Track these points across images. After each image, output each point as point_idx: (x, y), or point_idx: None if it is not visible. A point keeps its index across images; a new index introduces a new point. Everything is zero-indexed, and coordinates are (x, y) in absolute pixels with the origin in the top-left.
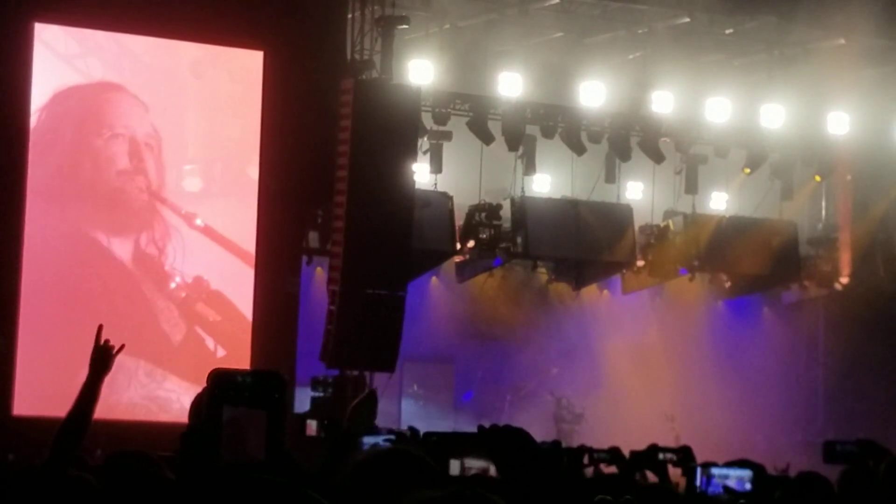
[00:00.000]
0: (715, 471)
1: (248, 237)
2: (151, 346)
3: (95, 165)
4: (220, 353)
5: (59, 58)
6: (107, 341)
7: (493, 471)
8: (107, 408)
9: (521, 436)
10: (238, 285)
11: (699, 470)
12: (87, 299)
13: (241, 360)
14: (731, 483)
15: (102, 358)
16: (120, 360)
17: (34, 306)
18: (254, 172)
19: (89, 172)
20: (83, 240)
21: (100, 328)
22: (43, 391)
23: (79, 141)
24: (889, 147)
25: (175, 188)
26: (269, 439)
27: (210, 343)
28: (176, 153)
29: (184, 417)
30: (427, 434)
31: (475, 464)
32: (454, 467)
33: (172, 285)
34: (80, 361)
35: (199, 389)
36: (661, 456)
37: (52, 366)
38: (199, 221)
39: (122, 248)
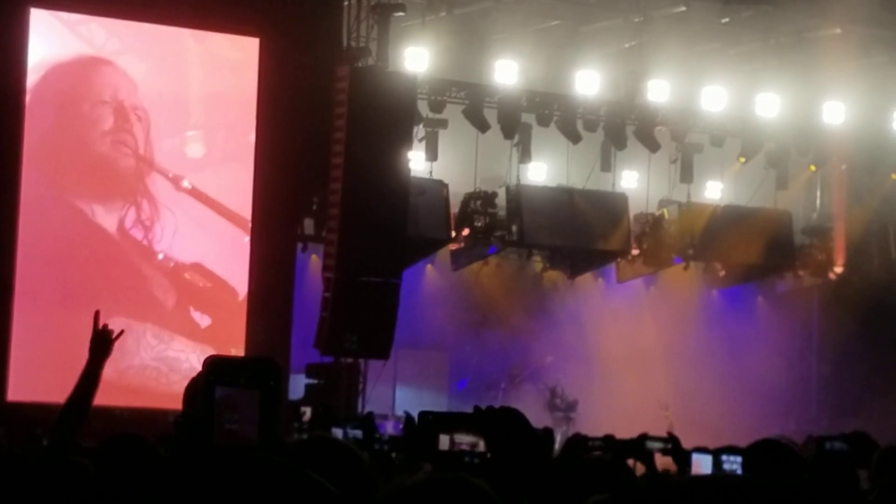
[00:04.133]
0: (725, 463)
1: (249, 206)
2: (153, 309)
3: (82, 130)
4: (207, 321)
5: (62, 23)
6: (105, 326)
7: (482, 446)
8: (119, 371)
9: (516, 416)
10: (232, 264)
11: (710, 459)
12: (81, 275)
13: (235, 336)
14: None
15: (102, 343)
16: (128, 325)
17: (29, 288)
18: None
19: (76, 139)
20: (73, 213)
21: (97, 314)
22: (37, 377)
23: (67, 110)
24: (884, 137)
25: (175, 155)
26: (263, 421)
27: (198, 314)
28: (178, 119)
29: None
30: (423, 413)
31: (465, 439)
32: (444, 442)
33: (160, 256)
34: (75, 344)
35: (204, 348)
36: (648, 445)
37: (47, 351)
38: (186, 183)
39: (108, 222)
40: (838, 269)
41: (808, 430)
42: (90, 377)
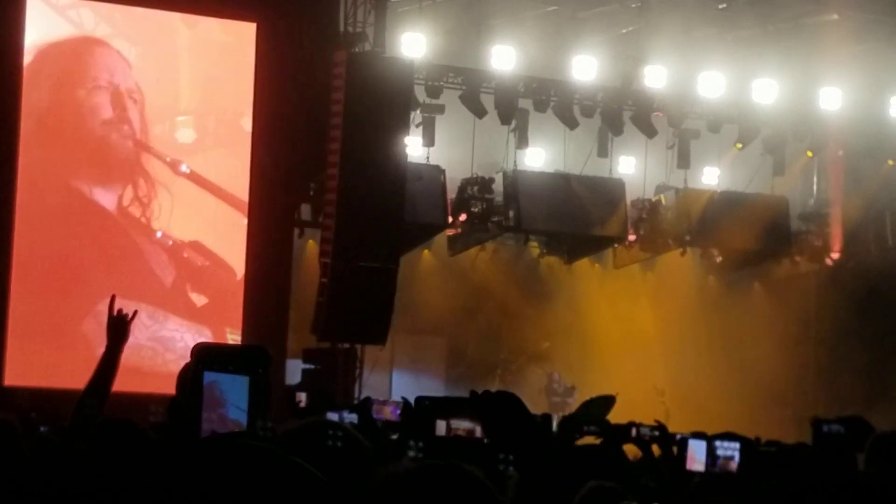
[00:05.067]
0: (718, 449)
1: (241, 191)
2: (149, 288)
3: (79, 116)
4: (204, 300)
5: (52, 8)
6: (120, 310)
7: (478, 432)
8: None
9: (512, 400)
10: (229, 244)
11: (704, 445)
12: (79, 254)
13: (232, 315)
14: (733, 464)
15: (119, 327)
16: (122, 305)
17: (26, 272)
18: (247, 124)
19: (73, 124)
20: (71, 194)
21: (112, 298)
22: (34, 362)
23: (62, 93)
24: (881, 123)
25: (166, 140)
26: (251, 407)
27: (195, 294)
28: (169, 104)
29: (188, 357)
30: (419, 398)
31: (461, 425)
32: (440, 428)
33: (159, 234)
34: (72, 329)
35: (199, 328)
36: (634, 432)
37: (43, 335)
38: (184, 167)
39: (107, 200)
40: (835, 255)
41: (804, 416)
42: (109, 362)
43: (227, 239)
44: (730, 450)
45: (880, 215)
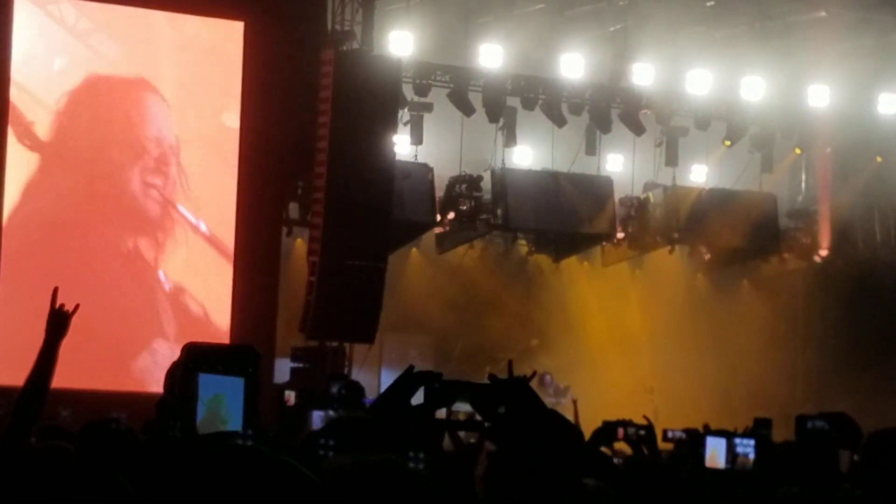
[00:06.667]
0: (738, 446)
1: (227, 199)
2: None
3: (109, 155)
4: (200, 315)
5: (33, 3)
6: (62, 305)
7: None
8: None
9: (522, 387)
10: (216, 255)
11: (724, 443)
12: (65, 269)
13: (221, 328)
14: (749, 461)
15: (59, 320)
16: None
17: (12, 275)
18: (234, 122)
19: (91, 158)
20: (64, 219)
21: (55, 291)
22: (18, 360)
23: (94, 129)
24: (869, 120)
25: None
26: (246, 408)
27: (193, 306)
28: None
29: None
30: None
31: (463, 408)
32: (440, 410)
33: (161, 274)
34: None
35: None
36: (620, 432)
37: (29, 334)
38: (203, 227)
39: (118, 244)
40: (823, 253)
41: (792, 413)
42: (47, 356)
43: (219, 261)
44: (747, 447)
45: (869, 212)
